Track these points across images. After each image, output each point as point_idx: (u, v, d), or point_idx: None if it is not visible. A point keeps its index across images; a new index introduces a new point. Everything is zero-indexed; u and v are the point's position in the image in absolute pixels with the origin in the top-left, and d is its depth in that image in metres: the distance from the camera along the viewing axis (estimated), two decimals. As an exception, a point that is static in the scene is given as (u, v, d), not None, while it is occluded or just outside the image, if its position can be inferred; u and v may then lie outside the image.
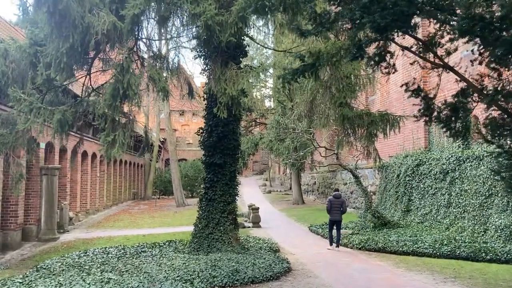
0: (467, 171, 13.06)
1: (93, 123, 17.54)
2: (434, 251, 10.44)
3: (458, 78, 5.95)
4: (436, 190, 14.54)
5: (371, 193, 19.00)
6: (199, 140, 11.46)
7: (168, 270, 8.25)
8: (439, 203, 14.18)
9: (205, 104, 11.37)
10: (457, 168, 13.59)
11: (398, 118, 8.93)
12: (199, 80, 74.85)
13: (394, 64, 6.21)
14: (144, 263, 9.21)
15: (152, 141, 39.40)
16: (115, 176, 32.70)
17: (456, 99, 5.83)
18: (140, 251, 11.38)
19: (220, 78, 8.35)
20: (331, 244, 12.53)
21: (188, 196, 35.95)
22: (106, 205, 30.12)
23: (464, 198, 12.91)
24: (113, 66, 6.98)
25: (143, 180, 41.99)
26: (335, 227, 12.47)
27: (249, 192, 39.75)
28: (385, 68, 6.09)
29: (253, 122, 31.12)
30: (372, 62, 5.54)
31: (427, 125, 6.39)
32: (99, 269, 8.69)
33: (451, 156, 13.98)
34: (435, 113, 5.99)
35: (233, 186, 10.95)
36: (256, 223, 18.61)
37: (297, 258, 11.06)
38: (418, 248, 10.82)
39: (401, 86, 6.25)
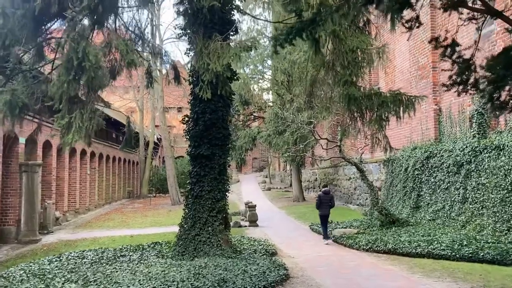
0: (485, 162, 11.73)
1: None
2: (453, 253, 9.10)
3: (509, 27, 4.56)
4: (449, 185, 13.22)
5: (377, 189, 17.67)
6: (184, 130, 10.15)
7: (143, 280, 6.94)
8: (452, 199, 12.86)
9: (190, 88, 10.04)
10: (473, 160, 12.26)
11: (413, 99, 7.59)
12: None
13: (418, 17, 4.82)
14: (117, 271, 7.91)
15: (146, 138, 38.21)
16: (107, 174, 31.41)
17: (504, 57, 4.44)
18: (119, 255, 10.09)
19: (203, 51, 7.03)
20: (325, 238, 12.71)
21: (184, 194, 34.65)
22: (98, 204, 28.85)
23: (482, 193, 11.59)
24: (65, 31, 5.67)
25: (138, 178, 40.69)
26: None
27: (248, 189, 38.52)
28: (407, 22, 4.71)
29: (251, 116, 29.79)
30: (391, 13, 4.17)
31: (459, 96, 5.00)
32: (62, 279, 7.39)
33: (466, 147, 12.65)
34: (472, 80, 4.61)
35: (223, 181, 9.63)
36: (253, 221, 17.32)
37: (296, 262, 9.75)
38: (434, 249, 9.49)
39: (430, 42, 4.88)
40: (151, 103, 34.93)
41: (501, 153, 11.18)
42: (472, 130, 13.29)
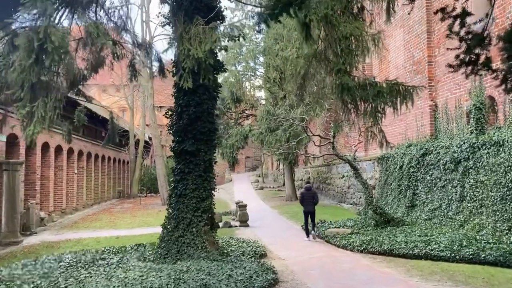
0: (484, 159, 11.24)
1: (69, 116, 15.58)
2: (453, 254, 8.58)
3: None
4: (446, 182, 12.73)
5: (371, 187, 17.16)
6: (167, 124, 9.54)
7: (117, 287, 6.34)
8: (450, 197, 12.36)
9: (174, 80, 9.44)
10: (471, 157, 11.77)
11: (411, 89, 7.05)
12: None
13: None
14: (92, 276, 7.30)
15: (137, 136, 37.46)
16: (96, 173, 30.69)
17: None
18: (98, 258, 9.46)
19: (183, 36, 6.44)
20: (307, 236, 12.80)
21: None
22: (86, 204, 28.14)
23: (481, 191, 11.10)
24: (23, 8, 5.03)
25: (129, 177, 39.93)
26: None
27: (241, 188, 37.92)
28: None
29: (243, 114, 29.21)
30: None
31: (467, 78, 4.45)
32: (31, 285, 6.76)
33: (464, 143, 12.16)
34: (483, 58, 4.06)
35: (209, 179, 9.03)
36: (244, 221, 16.74)
37: (287, 264, 9.19)
38: (432, 250, 8.97)
39: (436, 12, 4.30)
40: (142, 101, 34.23)
41: (501, 149, 10.69)
42: (469, 126, 12.82)
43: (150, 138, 39.78)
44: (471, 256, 8.33)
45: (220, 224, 16.65)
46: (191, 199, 8.74)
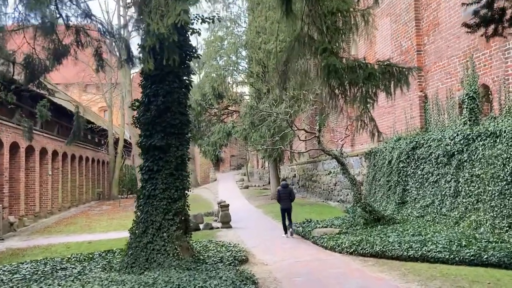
0: (479, 151, 10.53)
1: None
2: (452, 256, 7.79)
3: None
4: (438, 177, 12.00)
5: (359, 184, 16.41)
6: (134, 116, 8.54)
7: (68, 306, 5.36)
8: (443, 193, 11.64)
9: (141, 67, 8.44)
10: (465, 149, 11.05)
11: (406, 71, 6.21)
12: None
13: None
14: (43, 292, 6.29)
15: (116, 136, 36.16)
16: (73, 175, 29.38)
17: None
18: (59, 268, 8.44)
19: (143, 9, 5.48)
20: (285, 233, 12.90)
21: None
22: (63, 206, 26.85)
23: (477, 185, 10.38)
24: None
25: (109, 178, 38.57)
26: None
27: (225, 187, 36.93)
28: None
29: (226, 110, 28.22)
30: None
31: (488, 40, 3.60)
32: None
33: (457, 135, 11.43)
34: (509, 15, 3.20)
35: (181, 177, 8.05)
36: (226, 223, 15.80)
37: (270, 270, 8.29)
38: (429, 251, 8.16)
39: None
40: (121, 98, 32.98)
41: (498, 141, 9.97)
42: (462, 117, 12.11)
43: (130, 137, 38.52)
44: (472, 258, 7.54)
45: (201, 226, 15.70)
46: (161, 200, 7.77)
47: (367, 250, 9.13)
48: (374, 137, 6.81)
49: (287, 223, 12.92)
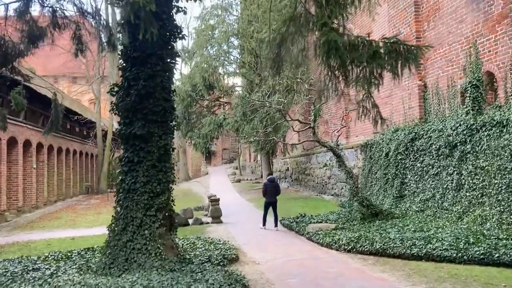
0: (484, 142, 9.93)
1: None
2: (459, 254, 7.18)
3: None
4: (439, 170, 11.40)
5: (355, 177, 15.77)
6: (112, 102, 7.78)
7: (29, 316, 4.65)
8: (444, 186, 11.05)
9: (121, 49, 7.67)
10: (468, 140, 10.45)
11: (415, 50, 5.54)
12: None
13: None
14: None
15: (105, 128, 35.20)
16: (60, 168, 28.48)
17: None
18: (31, 268, 7.70)
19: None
20: (264, 225, 12.95)
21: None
22: (49, 201, 25.99)
23: (481, 178, 9.79)
24: None
25: (98, 171, 37.65)
26: (271, 208, 13.11)
27: (217, 181, 36.23)
28: None
29: (217, 102, 27.45)
30: None
31: None
32: None
33: (459, 125, 10.82)
34: None
35: (165, 169, 7.32)
36: (217, 217, 15.11)
37: (262, 270, 7.62)
38: (434, 249, 7.54)
39: None
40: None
41: (504, 130, 9.37)
42: (465, 106, 11.49)
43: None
44: (482, 256, 6.93)
45: (190, 221, 15.01)
46: (142, 194, 7.05)
47: (367, 248, 8.51)
48: (377, 124, 6.15)
49: (273, 217, 13.01)
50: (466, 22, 11.56)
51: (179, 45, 44.36)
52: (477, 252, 7.04)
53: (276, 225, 12.88)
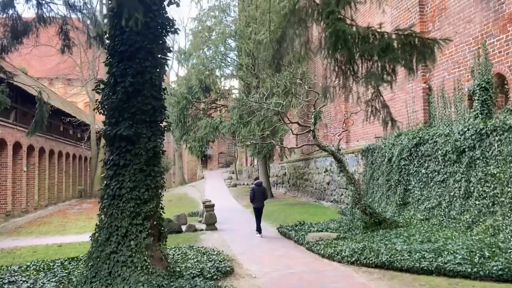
0: (494, 148, 9.36)
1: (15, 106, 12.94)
2: (475, 270, 6.58)
3: None
4: (446, 176, 10.83)
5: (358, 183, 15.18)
6: (97, 100, 7.16)
7: None
8: (452, 193, 10.47)
9: (108, 43, 7.07)
10: (477, 145, 9.88)
11: (431, 43, 4.98)
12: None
13: None
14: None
15: (99, 131, 34.50)
16: (52, 171, 27.78)
17: None
18: (6, 281, 7.05)
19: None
20: (260, 233, 12.51)
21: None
22: (40, 205, 25.26)
23: (492, 186, 9.22)
24: None
25: (91, 175, 36.92)
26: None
27: (213, 186, 35.57)
28: None
29: (213, 104, 26.85)
30: None
31: None
32: None
33: (468, 130, 10.25)
34: None
35: (153, 174, 6.70)
36: (211, 224, 14.48)
37: (259, 285, 7.00)
38: (446, 263, 6.95)
39: None
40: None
41: (517, 135, 8.81)
42: (473, 110, 10.93)
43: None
44: (500, 272, 6.33)
45: (184, 228, 14.36)
46: (128, 201, 6.42)
47: (372, 260, 7.90)
48: (387, 126, 5.55)
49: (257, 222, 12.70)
50: (475, 22, 11.03)
51: (175, 46, 43.75)
52: (495, 268, 6.44)
53: (260, 232, 12.53)
